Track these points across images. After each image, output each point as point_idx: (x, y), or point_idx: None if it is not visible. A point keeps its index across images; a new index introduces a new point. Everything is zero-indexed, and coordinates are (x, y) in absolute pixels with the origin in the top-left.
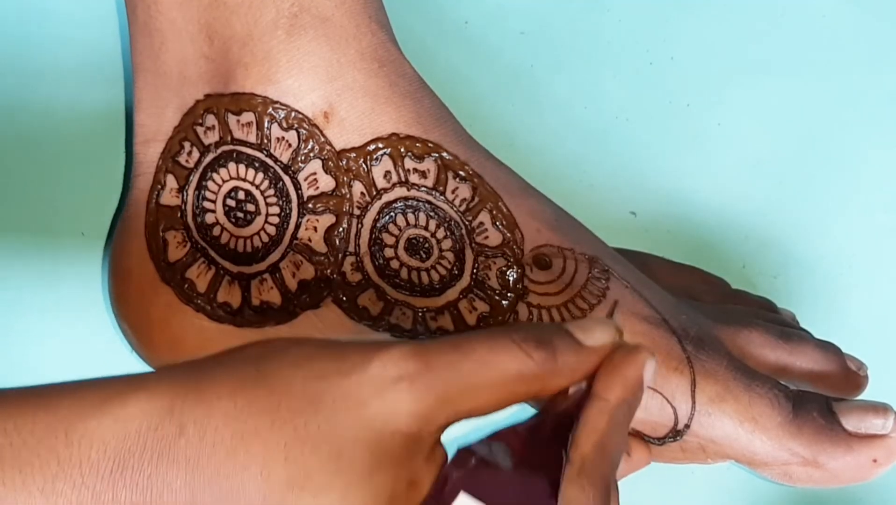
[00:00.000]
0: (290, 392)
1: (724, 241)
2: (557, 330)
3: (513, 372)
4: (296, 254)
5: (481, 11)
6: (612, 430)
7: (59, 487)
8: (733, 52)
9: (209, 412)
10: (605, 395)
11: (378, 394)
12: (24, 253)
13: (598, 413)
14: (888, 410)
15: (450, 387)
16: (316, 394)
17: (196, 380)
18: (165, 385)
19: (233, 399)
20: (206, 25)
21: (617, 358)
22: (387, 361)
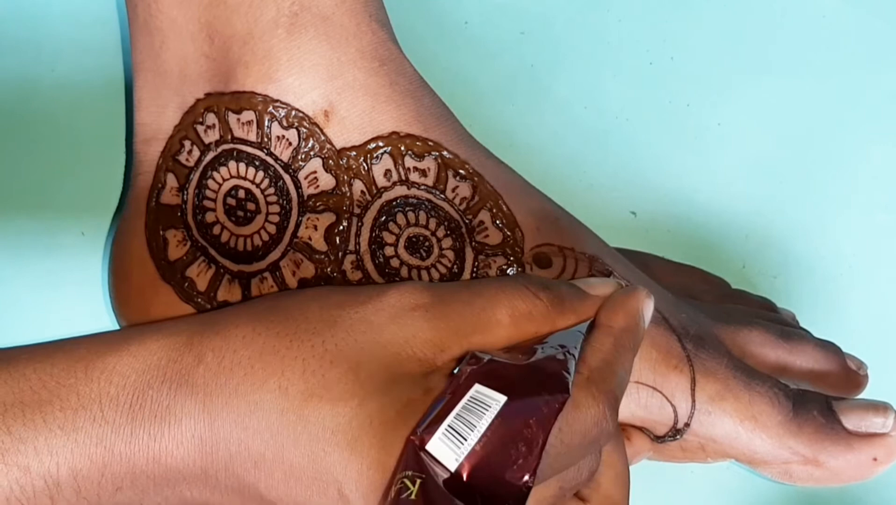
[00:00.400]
0: (307, 317)
1: (724, 242)
2: (563, 281)
3: (522, 310)
4: (296, 252)
5: (481, 11)
6: (618, 351)
7: (80, 422)
8: (733, 52)
9: (227, 339)
10: (608, 322)
11: (394, 319)
12: (24, 253)
13: (604, 336)
14: (888, 409)
15: (463, 319)
16: (333, 318)
17: (213, 317)
18: (183, 325)
19: (251, 325)
20: (207, 24)
21: (617, 294)
22: (403, 292)
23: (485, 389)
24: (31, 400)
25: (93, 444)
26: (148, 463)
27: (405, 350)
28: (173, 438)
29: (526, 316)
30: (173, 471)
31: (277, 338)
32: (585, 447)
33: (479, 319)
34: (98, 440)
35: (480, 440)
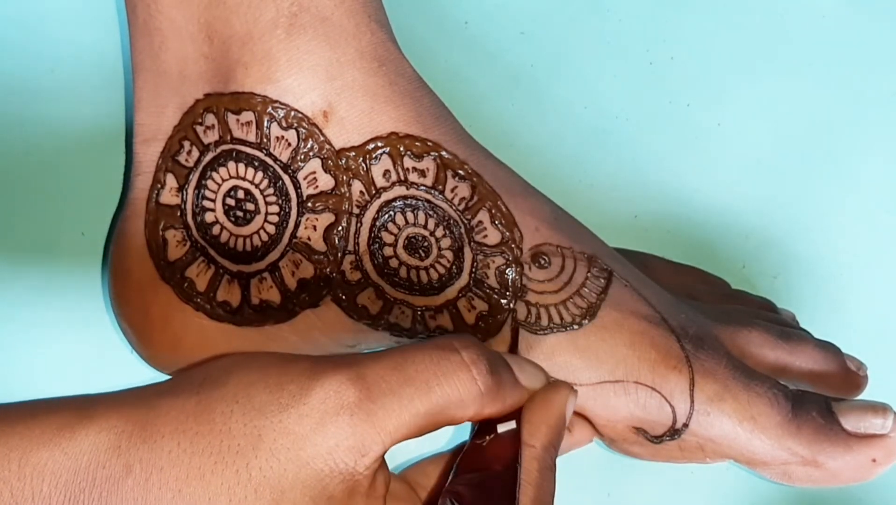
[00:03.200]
0: (231, 431)
1: (724, 241)
2: (502, 360)
3: (455, 399)
4: (295, 253)
5: (481, 11)
6: (543, 476)
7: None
8: (733, 52)
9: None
10: (532, 441)
11: (317, 429)
12: (24, 253)
13: (530, 463)
14: (887, 410)
15: (389, 414)
16: (255, 431)
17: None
18: (114, 418)
19: (176, 438)
20: (206, 25)
21: (538, 397)
22: (327, 392)
23: None
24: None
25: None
26: None
27: (328, 464)
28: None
29: (457, 404)
30: None
31: (203, 456)
32: None
33: (405, 411)
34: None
35: None
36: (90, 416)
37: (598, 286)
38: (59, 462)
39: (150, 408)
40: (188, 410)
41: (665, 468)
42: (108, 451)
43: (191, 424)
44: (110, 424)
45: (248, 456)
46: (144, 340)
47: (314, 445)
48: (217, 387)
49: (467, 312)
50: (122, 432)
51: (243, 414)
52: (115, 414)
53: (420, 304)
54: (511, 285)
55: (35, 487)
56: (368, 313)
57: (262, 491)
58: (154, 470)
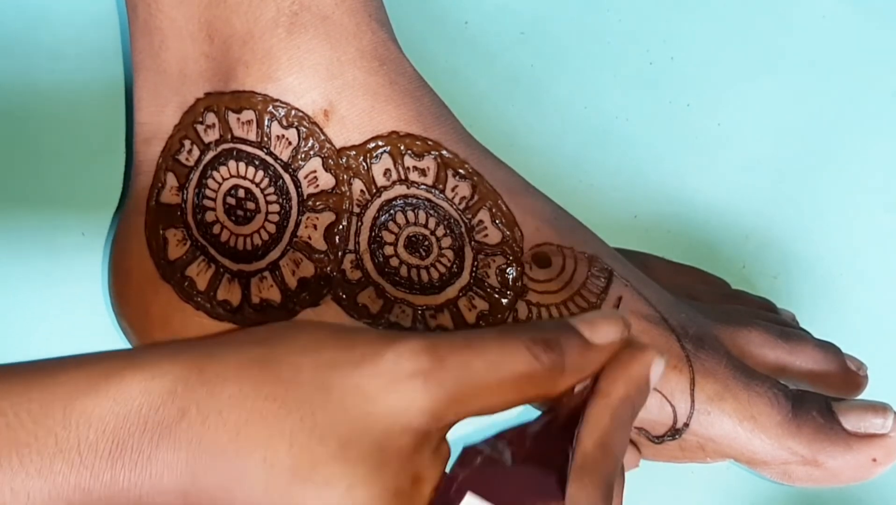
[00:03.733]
0: (298, 380)
1: (724, 242)
2: (566, 329)
3: (523, 374)
4: (295, 252)
5: (481, 12)
6: (615, 427)
7: (58, 467)
8: (733, 52)
9: (213, 395)
10: (608, 391)
11: (389, 388)
12: (24, 253)
13: (602, 410)
14: (888, 410)
15: (462, 386)
16: (324, 383)
17: (200, 360)
18: (168, 364)
19: (238, 383)
20: (207, 24)
21: (623, 356)
22: (400, 355)
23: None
24: (6, 439)
25: (71, 488)
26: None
27: (399, 421)
28: (154, 487)
29: (526, 380)
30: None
31: (266, 402)
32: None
33: (478, 385)
34: (76, 485)
35: None
36: (140, 363)
37: (599, 286)
38: (107, 408)
39: (210, 355)
40: (253, 358)
41: (665, 468)
42: (161, 395)
43: (255, 370)
44: (164, 369)
45: (314, 405)
46: (145, 338)
47: (385, 404)
48: (284, 341)
49: (468, 312)
50: (178, 378)
51: (313, 368)
52: (168, 360)
53: (420, 303)
54: (512, 285)
55: (81, 434)
56: (369, 312)
57: (328, 439)
58: (212, 412)
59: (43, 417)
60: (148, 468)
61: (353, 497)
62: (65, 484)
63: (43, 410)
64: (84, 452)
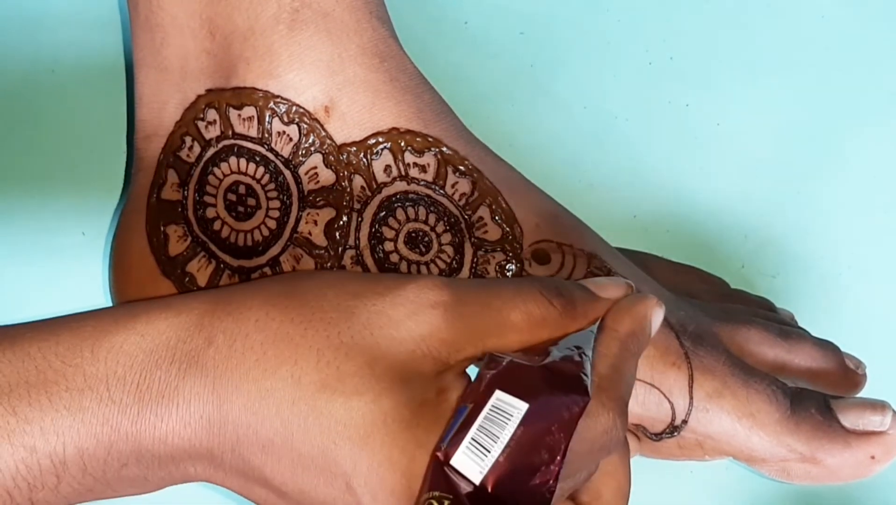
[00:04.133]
0: (324, 306)
1: (724, 242)
2: (576, 284)
3: (537, 315)
4: (296, 247)
5: (481, 11)
6: (624, 355)
7: (86, 402)
8: (733, 52)
9: (239, 322)
10: (615, 326)
11: (412, 315)
12: (24, 253)
13: (611, 340)
14: (886, 408)
15: (480, 320)
16: (349, 309)
17: (226, 295)
18: (194, 301)
19: (264, 309)
20: (208, 21)
21: (626, 299)
22: (422, 287)
23: (506, 397)
24: (35, 380)
25: (99, 424)
26: (154, 443)
27: (421, 347)
28: (181, 418)
29: (540, 321)
30: (179, 450)
31: (292, 324)
32: (594, 455)
33: (495, 322)
34: (104, 420)
35: (504, 451)
36: (167, 303)
37: None
38: (135, 343)
39: (235, 291)
40: (278, 289)
41: (664, 466)
42: (188, 328)
43: (281, 299)
44: (190, 306)
45: (340, 326)
46: None
47: (408, 329)
48: (309, 276)
49: None
50: (205, 312)
51: (337, 295)
52: (194, 299)
53: None
54: None
55: (109, 369)
56: None
57: (354, 355)
58: (239, 337)
59: (71, 357)
60: (175, 399)
61: (381, 405)
62: (93, 419)
63: (71, 350)
64: (112, 385)
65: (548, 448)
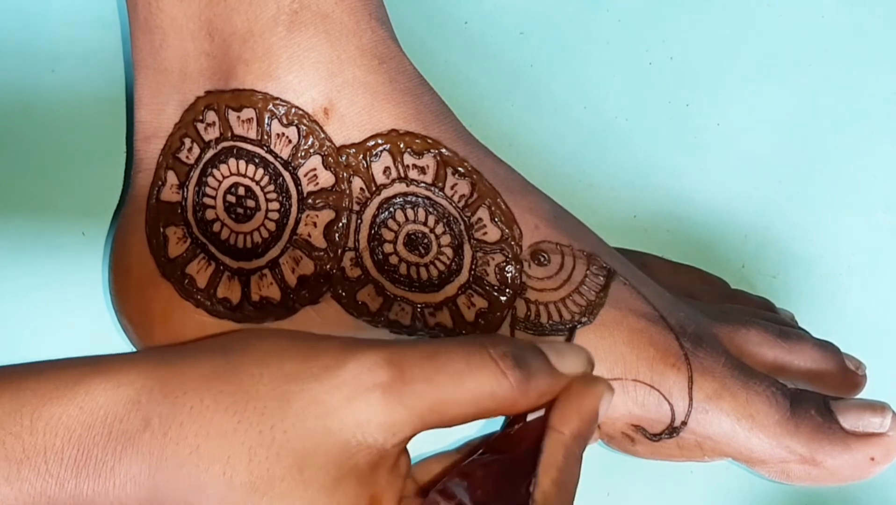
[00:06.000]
0: (258, 392)
1: (724, 242)
2: (534, 351)
3: (486, 391)
4: (295, 249)
5: (481, 12)
6: (569, 464)
7: (24, 473)
8: (733, 52)
9: (174, 407)
10: (561, 428)
11: (348, 402)
12: (24, 253)
13: (556, 447)
14: (886, 409)
15: (422, 400)
16: (284, 396)
17: (164, 369)
18: (133, 373)
19: (199, 395)
20: (207, 22)
21: (574, 388)
22: (361, 367)
23: None
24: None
25: (37, 495)
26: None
27: (356, 436)
28: (117, 498)
29: (488, 396)
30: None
31: (226, 415)
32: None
33: (438, 399)
34: (41, 492)
35: None
36: (106, 371)
37: (598, 284)
38: (73, 416)
39: (173, 365)
40: (215, 369)
41: (664, 467)
42: (126, 405)
43: (216, 382)
44: (129, 378)
45: (273, 418)
46: (145, 336)
47: (343, 417)
48: (246, 351)
49: (467, 309)
50: (142, 387)
51: (272, 378)
52: (133, 369)
53: (420, 300)
54: (510, 282)
55: (47, 441)
56: (368, 310)
57: (284, 454)
58: (173, 425)
59: (10, 424)
60: (111, 479)
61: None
62: (31, 491)
63: (10, 417)
64: (50, 459)
65: None
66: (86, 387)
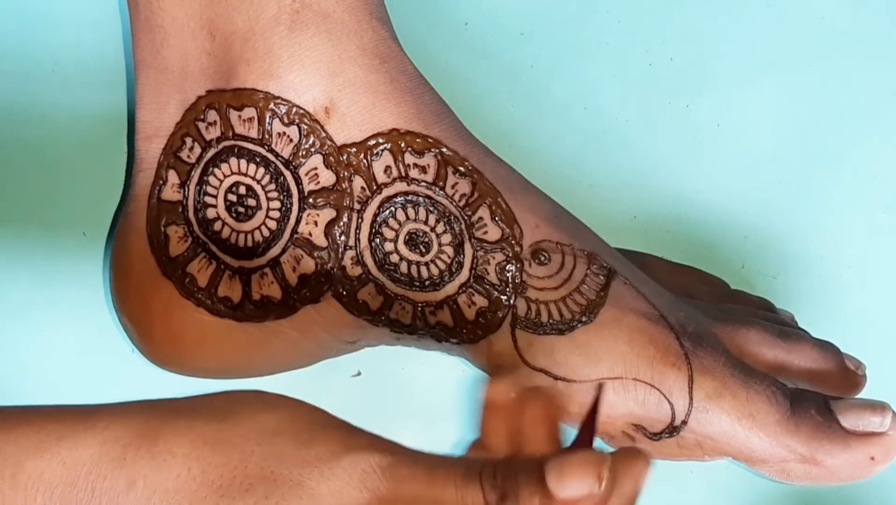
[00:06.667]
0: (247, 469)
1: (724, 242)
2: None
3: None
4: (296, 248)
5: (481, 12)
6: None
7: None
8: (733, 52)
9: (161, 472)
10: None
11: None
12: (25, 253)
13: None
14: (886, 409)
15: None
16: (272, 477)
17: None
18: (121, 429)
19: (187, 462)
20: (208, 21)
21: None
22: (355, 467)
23: None
24: None
25: None
26: None
27: None
28: None
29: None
30: None
31: (210, 489)
32: None
33: None
34: None
35: None
36: (93, 426)
37: (598, 283)
38: (57, 472)
39: (164, 424)
40: (206, 436)
41: (664, 467)
42: (110, 462)
43: (206, 452)
44: (116, 435)
45: (257, 496)
46: (145, 335)
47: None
48: (242, 422)
49: (467, 308)
50: (129, 445)
51: (263, 457)
52: (121, 425)
53: (420, 300)
54: (511, 282)
55: (29, 497)
56: (369, 309)
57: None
58: (159, 490)
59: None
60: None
61: None
62: None
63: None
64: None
65: None
66: (70, 442)
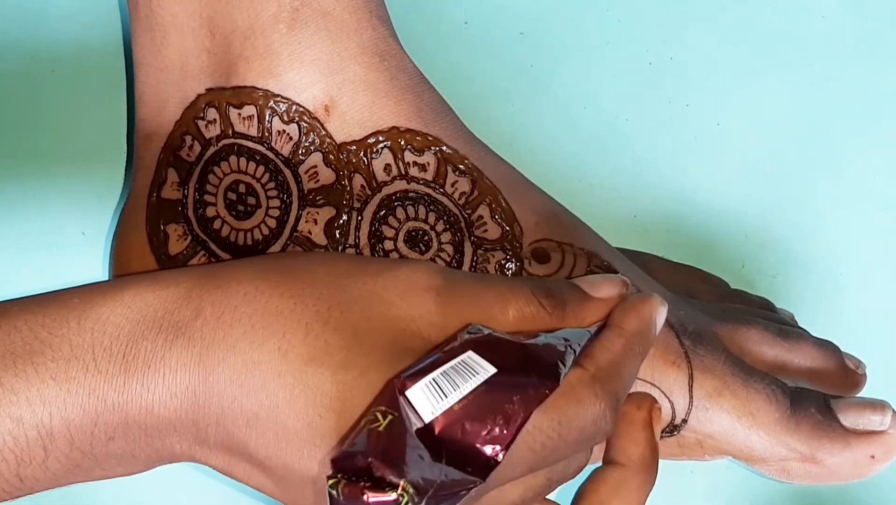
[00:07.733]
0: (315, 282)
1: (724, 242)
2: (567, 283)
3: (526, 312)
4: (296, 246)
5: (481, 12)
6: (626, 353)
7: (72, 372)
8: (733, 52)
9: (228, 295)
10: (621, 323)
11: (403, 297)
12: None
13: (615, 336)
14: (886, 407)
15: (470, 309)
16: (340, 286)
17: (215, 270)
18: (182, 277)
19: (254, 283)
20: (208, 20)
21: (632, 298)
22: (416, 271)
23: (477, 357)
24: (22, 351)
25: (85, 393)
26: (140, 413)
27: (411, 327)
28: (167, 388)
29: (529, 319)
30: (165, 422)
31: (281, 298)
32: (580, 443)
33: (484, 313)
34: (91, 390)
35: (461, 401)
36: (154, 278)
37: None
38: (122, 314)
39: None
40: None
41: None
42: (177, 300)
43: (271, 274)
44: (178, 280)
45: (330, 301)
46: None
47: (399, 309)
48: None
49: None
50: (193, 285)
51: (328, 273)
52: (183, 273)
53: None
54: None
55: (96, 339)
56: None
57: (342, 329)
58: (227, 309)
59: (58, 328)
60: (161, 369)
61: (368, 380)
62: (79, 389)
63: (58, 321)
64: (98, 355)
65: (504, 415)
66: (134, 290)
